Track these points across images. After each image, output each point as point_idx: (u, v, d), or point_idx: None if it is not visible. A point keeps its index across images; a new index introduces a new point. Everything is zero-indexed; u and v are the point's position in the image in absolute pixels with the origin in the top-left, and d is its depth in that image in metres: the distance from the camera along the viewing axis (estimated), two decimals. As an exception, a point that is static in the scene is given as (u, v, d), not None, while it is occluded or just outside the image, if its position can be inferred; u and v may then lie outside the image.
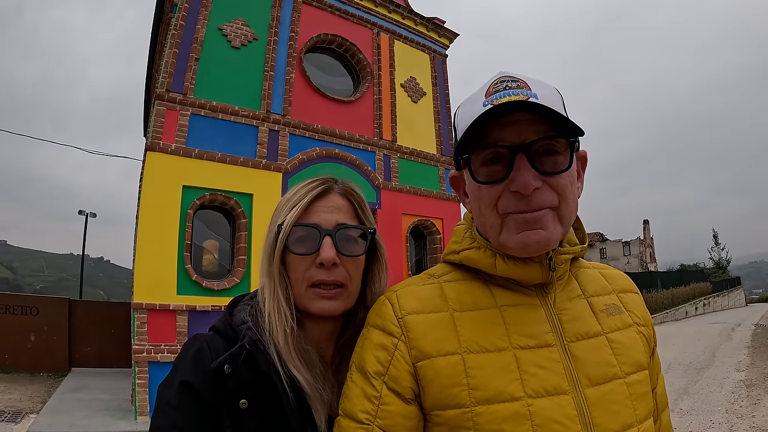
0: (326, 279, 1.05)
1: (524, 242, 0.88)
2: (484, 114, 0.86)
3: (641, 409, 0.91)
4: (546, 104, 0.85)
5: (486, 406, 0.85)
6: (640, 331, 1.01)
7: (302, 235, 1.06)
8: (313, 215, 1.07)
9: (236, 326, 1.05)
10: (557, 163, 0.89)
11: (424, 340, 0.91)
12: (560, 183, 0.89)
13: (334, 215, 1.09)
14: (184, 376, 0.97)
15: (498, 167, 0.89)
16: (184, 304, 7.38)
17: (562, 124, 0.87)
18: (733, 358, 11.75)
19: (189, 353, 1.02)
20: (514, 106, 0.85)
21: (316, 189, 1.10)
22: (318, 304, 1.05)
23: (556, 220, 0.90)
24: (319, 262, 1.04)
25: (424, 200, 10.65)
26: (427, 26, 12.07)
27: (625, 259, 50.49)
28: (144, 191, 7.71)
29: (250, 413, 0.97)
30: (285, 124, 9.09)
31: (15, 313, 10.35)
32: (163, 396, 0.98)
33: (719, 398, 8.05)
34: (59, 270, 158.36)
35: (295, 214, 1.06)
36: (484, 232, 0.98)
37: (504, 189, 0.89)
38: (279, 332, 1.02)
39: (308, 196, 1.08)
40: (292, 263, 1.07)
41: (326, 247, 1.04)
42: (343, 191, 1.14)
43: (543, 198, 0.88)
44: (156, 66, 12.07)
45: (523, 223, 0.88)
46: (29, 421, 6.63)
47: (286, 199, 1.10)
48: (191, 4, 8.50)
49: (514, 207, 0.88)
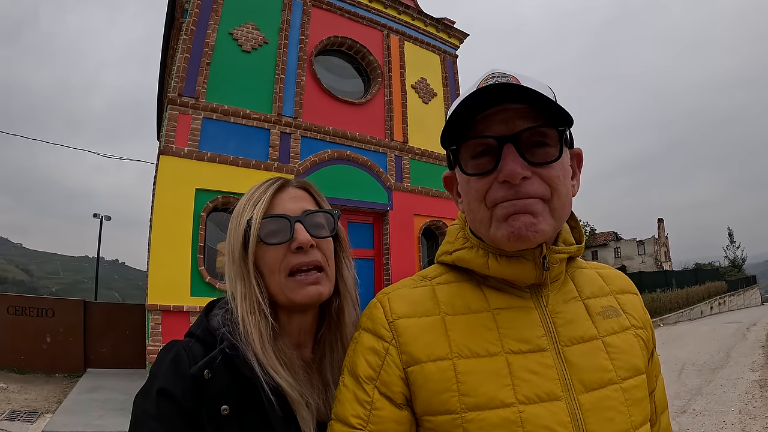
0: (305, 261, 1.05)
1: (513, 227, 0.86)
2: (472, 104, 0.86)
3: (637, 414, 0.89)
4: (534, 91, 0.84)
5: (476, 413, 0.84)
6: (638, 334, 0.99)
7: (273, 227, 1.06)
8: (278, 207, 1.09)
9: (214, 330, 1.03)
10: (547, 154, 0.87)
11: (415, 345, 0.90)
12: (551, 174, 0.87)
13: (298, 204, 1.10)
14: (162, 384, 0.94)
15: (486, 159, 0.89)
16: (197, 305, 7.40)
17: (551, 114, 0.87)
18: (747, 358, 11.60)
19: (166, 360, 0.98)
20: (500, 89, 0.84)
21: (274, 184, 1.11)
22: (303, 291, 1.04)
23: (547, 211, 0.87)
24: (296, 246, 1.04)
25: (435, 201, 10.63)
26: (437, 27, 12.06)
27: (639, 258, 49.89)
28: (157, 195, 7.78)
29: (232, 420, 0.94)
30: (296, 127, 9.12)
31: (31, 315, 10.44)
32: (141, 406, 0.95)
33: (733, 398, 7.94)
34: (75, 272, 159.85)
35: (262, 208, 1.06)
36: (475, 228, 0.96)
37: (493, 181, 0.88)
38: (254, 334, 1.00)
39: (269, 191, 1.09)
40: (265, 257, 1.06)
41: (300, 231, 1.05)
42: (299, 184, 1.16)
43: (533, 188, 0.86)
44: (168, 71, 12.16)
45: (511, 209, 0.86)
46: (44, 421, 6.69)
47: (246, 199, 1.10)
48: (202, 9, 8.56)
49: (502, 196, 0.87)
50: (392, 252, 9.71)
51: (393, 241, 9.79)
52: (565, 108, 0.86)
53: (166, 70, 12.56)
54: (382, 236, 9.87)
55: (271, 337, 1.02)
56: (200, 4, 8.57)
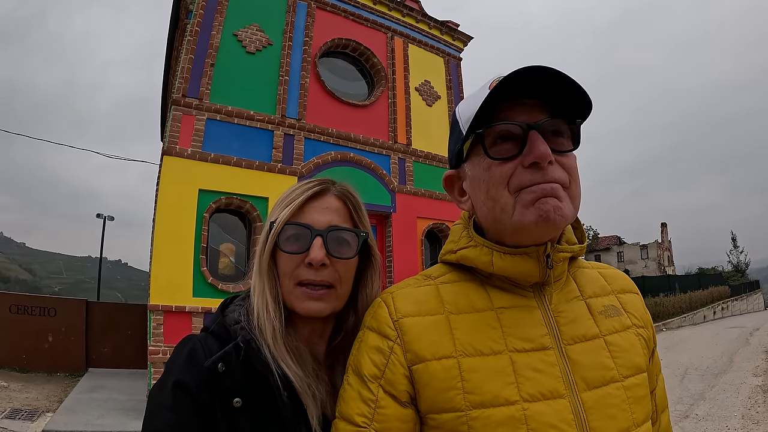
0: (314, 279, 1.05)
1: (542, 210, 0.86)
2: (501, 87, 0.86)
3: (639, 412, 0.90)
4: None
5: (481, 410, 0.85)
6: (639, 333, 1.00)
7: (294, 233, 1.05)
8: (306, 215, 1.07)
9: (229, 326, 1.05)
10: (564, 144, 0.90)
11: (419, 344, 0.91)
12: (569, 163, 0.90)
13: (327, 216, 1.08)
14: (177, 376, 0.96)
15: (510, 145, 0.89)
16: (199, 306, 7.42)
17: (567, 108, 0.89)
18: (750, 363, 11.57)
19: (182, 353, 1.00)
20: (536, 72, 0.85)
21: (312, 189, 1.10)
22: (303, 304, 1.05)
23: (568, 198, 0.89)
24: (308, 262, 1.04)
25: (439, 203, 10.61)
26: (441, 30, 12.07)
27: (642, 262, 49.80)
28: (161, 195, 7.79)
29: (244, 412, 0.96)
30: (300, 128, 9.13)
31: (33, 314, 10.48)
32: (156, 397, 0.96)
33: (736, 404, 7.93)
34: (77, 272, 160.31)
35: (289, 213, 1.06)
36: (493, 218, 0.94)
37: (517, 166, 0.88)
38: (267, 328, 1.01)
39: (303, 196, 1.08)
40: (281, 261, 1.07)
41: (316, 248, 1.04)
42: (340, 193, 1.13)
43: (557, 173, 0.88)
44: (172, 71, 12.20)
45: (540, 192, 0.86)
46: (45, 420, 6.70)
47: (283, 198, 1.10)
48: (206, 11, 8.58)
49: (529, 180, 0.87)
50: (395, 255, 9.71)
51: (396, 243, 9.78)
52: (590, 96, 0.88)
53: (171, 71, 12.61)
54: (384, 239, 9.86)
55: (282, 331, 1.04)
56: (205, 6, 8.60)
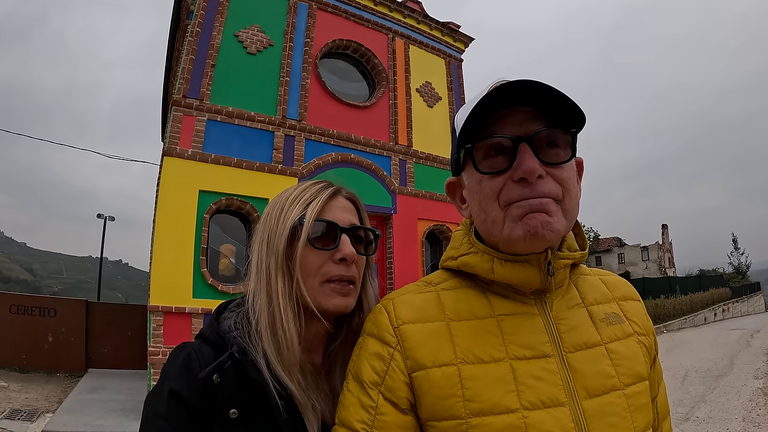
0: (345, 275, 1.06)
1: (529, 225, 0.85)
2: (487, 101, 0.86)
3: (640, 420, 0.89)
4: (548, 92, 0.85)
5: (481, 418, 0.84)
6: (641, 341, 0.99)
7: (322, 230, 1.06)
8: (329, 213, 1.08)
9: (224, 333, 1.03)
10: (559, 155, 0.88)
11: (420, 351, 0.91)
12: (563, 175, 0.88)
13: (347, 215, 1.10)
14: (173, 385, 0.95)
15: (500, 158, 0.88)
16: (199, 307, 7.43)
17: (561, 118, 0.87)
18: (751, 365, 11.54)
19: (177, 361, 0.99)
20: (521, 85, 0.84)
21: (328, 189, 1.10)
22: (333, 300, 1.05)
23: (560, 212, 0.87)
24: (340, 257, 1.05)
25: (439, 205, 10.61)
26: (442, 31, 12.08)
27: (643, 264, 49.77)
28: (161, 196, 7.80)
29: (241, 423, 0.95)
30: (301, 130, 9.14)
31: (33, 315, 10.47)
32: (152, 406, 0.96)
33: (736, 406, 7.90)
34: (78, 272, 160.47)
35: (316, 209, 1.05)
36: (486, 230, 0.94)
37: (507, 180, 0.88)
38: (285, 338, 0.99)
39: (324, 194, 1.08)
40: (306, 259, 1.05)
41: (346, 244, 1.06)
42: (349, 195, 1.15)
43: (547, 187, 0.86)
44: (173, 72, 12.21)
45: (527, 208, 0.85)
46: (45, 420, 6.69)
47: (295, 196, 1.09)
48: (207, 12, 8.60)
49: (517, 195, 0.86)
50: (395, 256, 9.71)
51: (396, 245, 9.79)
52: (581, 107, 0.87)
53: (172, 72, 12.61)
54: (385, 240, 9.86)
55: (301, 340, 1.03)
56: (206, 6, 8.61)
